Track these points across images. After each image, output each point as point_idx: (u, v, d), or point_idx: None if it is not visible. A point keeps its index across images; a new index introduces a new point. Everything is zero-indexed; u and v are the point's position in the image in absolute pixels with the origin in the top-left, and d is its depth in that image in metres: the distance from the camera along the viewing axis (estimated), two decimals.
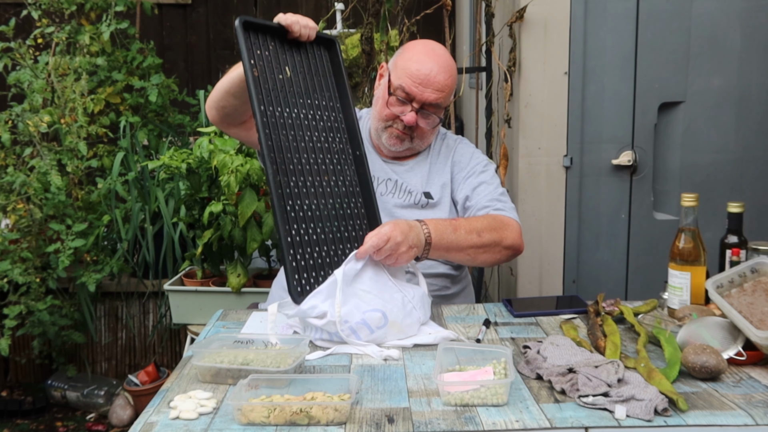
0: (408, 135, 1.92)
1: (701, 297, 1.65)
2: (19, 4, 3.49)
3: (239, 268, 2.79)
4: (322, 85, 1.85)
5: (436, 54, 1.90)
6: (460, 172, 1.99)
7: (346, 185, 1.78)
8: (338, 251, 1.68)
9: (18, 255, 2.85)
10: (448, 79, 1.88)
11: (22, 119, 2.93)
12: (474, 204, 1.94)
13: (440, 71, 1.86)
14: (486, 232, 1.80)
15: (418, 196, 1.94)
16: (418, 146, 1.98)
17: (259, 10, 4.62)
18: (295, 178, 1.64)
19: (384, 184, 1.96)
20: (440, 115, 1.93)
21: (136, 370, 3.29)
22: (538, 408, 1.24)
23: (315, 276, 1.60)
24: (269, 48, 1.79)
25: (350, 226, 1.75)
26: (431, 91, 1.85)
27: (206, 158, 2.75)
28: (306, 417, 1.20)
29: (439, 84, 1.86)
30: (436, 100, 1.87)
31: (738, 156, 2.74)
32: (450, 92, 1.91)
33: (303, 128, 1.72)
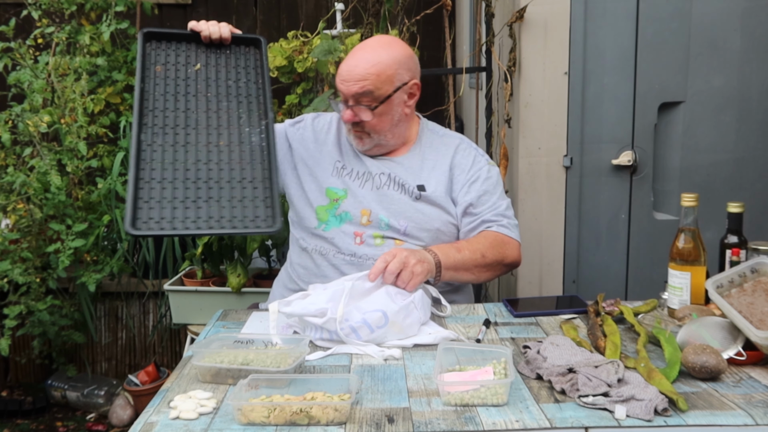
0: (362, 132, 1.94)
1: (701, 297, 1.65)
2: (19, 4, 3.49)
3: (239, 268, 2.79)
4: (240, 74, 1.94)
5: (365, 46, 1.94)
6: (462, 174, 1.98)
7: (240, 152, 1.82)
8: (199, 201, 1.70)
9: (18, 255, 2.84)
10: (373, 66, 1.87)
11: (22, 119, 2.93)
12: (479, 214, 1.94)
13: (361, 62, 1.88)
14: (489, 252, 1.88)
15: (411, 188, 1.94)
16: (383, 140, 1.96)
17: (259, 10, 4.62)
18: (177, 136, 1.78)
19: (378, 177, 1.96)
20: (374, 104, 1.89)
21: (136, 370, 3.29)
22: (538, 408, 1.24)
23: (157, 211, 1.66)
24: (182, 50, 1.96)
25: (226, 181, 1.76)
26: (353, 83, 1.87)
27: None
28: (306, 417, 1.20)
29: (359, 74, 1.87)
30: (361, 89, 1.87)
31: (738, 156, 2.74)
32: (378, 78, 1.87)
33: (200, 108, 1.84)
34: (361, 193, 1.94)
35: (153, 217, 1.63)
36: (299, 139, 2.08)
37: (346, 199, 1.94)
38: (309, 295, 1.63)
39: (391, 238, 1.90)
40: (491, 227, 1.93)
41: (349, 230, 1.91)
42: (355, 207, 1.92)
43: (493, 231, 1.93)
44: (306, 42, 3.43)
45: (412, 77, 1.95)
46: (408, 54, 1.95)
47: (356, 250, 1.89)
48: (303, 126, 2.11)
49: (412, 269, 1.69)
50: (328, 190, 1.96)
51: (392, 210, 1.91)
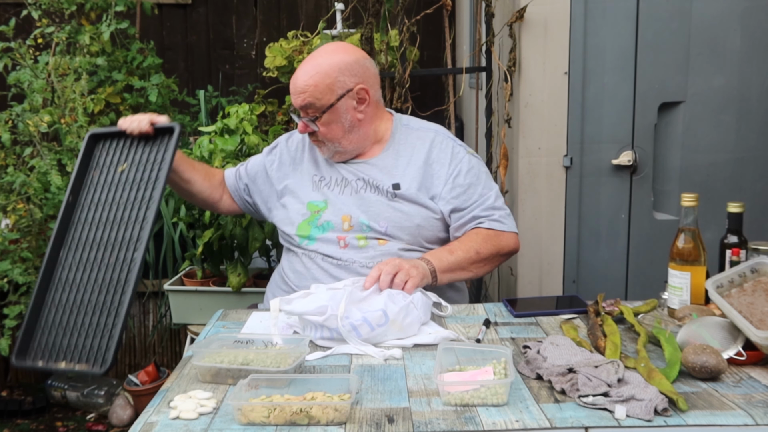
0: (318, 141, 1.97)
1: (701, 297, 1.65)
2: (19, 4, 3.49)
3: (239, 268, 2.79)
4: (141, 176, 1.83)
5: (310, 57, 1.94)
6: (443, 169, 1.96)
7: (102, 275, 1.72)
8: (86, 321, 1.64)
9: (18, 255, 2.84)
10: (310, 78, 1.88)
11: (22, 119, 2.93)
12: (468, 209, 1.94)
13: (301, 74, 1.90)
14: (483, 247, 1.90)
15: (386, 188, 1.94)
16: (340, 148, 1.96)
17: (259, 10, 4.62)
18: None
19: (355, 182, 1.96)
20: (317, 114, 1.90)
21: (136, 370, 3.29)
22: (538, 408, 1.24)
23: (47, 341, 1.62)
24: (118, 149, 1.89)
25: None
26: (296, 96, 1.90)
27: (207, 158, 2.75)
28: (306, 417, 1.20)
29: (300, 87, 1.89)
30: (303, 102, 1.90)
31: (738, 156, 2.74)
32: (316, 89, 1.88)
33: (95, 220, 1.76)
34: (340, 200, 1.95)
35: (31, 346, 1.62)
36: (277, 164, 2.10)
37: (327, 209, 1.95)
38: (310, 293, 1.64)
39: (374, 238, 1.91)
40: (482, 223, 1.93)
41: (332, 237, 1.92)
42: (336, 215, 1.93)
43: (484, 228, 1.93)
44: (306, 42, 3.43)
45: (359, 82, 1.91)
46: (354, 59, 1.92)
47: (342, 254, 1.90)
48: (278, 150, 2.13)
49: (407, 272, 1.71)
50: (309, 204, 1.98)
51: (371, 212, 1.92)
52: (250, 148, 2.74)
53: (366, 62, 1.95)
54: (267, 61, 3.51)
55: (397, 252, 1.90)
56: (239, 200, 2.19)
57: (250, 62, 4.65)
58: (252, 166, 2.16)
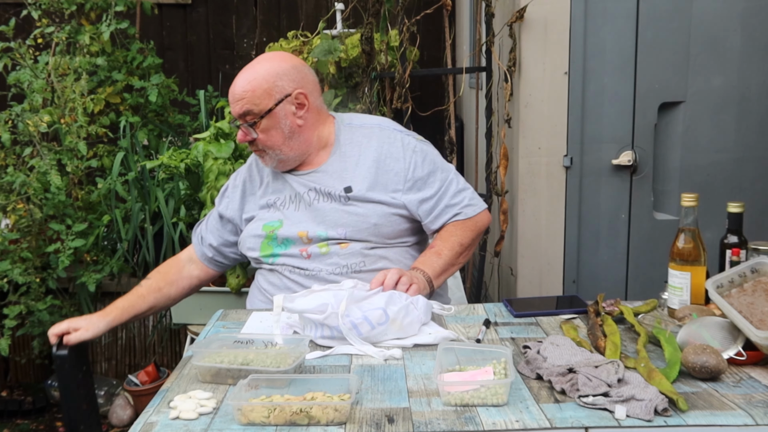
0: (259, 150, 1.94)
1: (701, 297, 1.65)
2: (19, 4, 3.48)
3: (238, 269, 2.79)
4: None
5: (246, 67, 1.93)
6: (397, 163, 1.94)
7: None
8: None
9: (18, 255, 2.84)
10: (247, 84, 1.88)
11: (22, 119, 2.93)
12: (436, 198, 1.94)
13: (238, 82, 1.89)
14: (465, 237, 1.95)
15: (338, 193, 1.92)
16: (281, 156, 1.93)
17: (259, 10, 4.62)
18: None
19: (307, 195, 1.94)
20: (255, 119, 1.88)
21: (136, 370, 3.29)
22: (538, 408, 1.24)
23: None
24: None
25: None
26: (234, 104, 1.89)
27: (201, 162, 2.75)
28: (306, 417, 1.20)
29: (237, 94, 1.88)
30: (242, 109, 1.88)
31: (738, 156, 2.74)
32: (253, 95, 1.87)
33: None
34: (295, 216, 1.94)
35: None
36: (233, 208, 2.06)
37: (282, 227, 1.93)
38: (313, 292, 1.64)
39: (335, 243, 1.90)
40: (458, 215, 1.96)
41: (295, 251, 1.92)
42: (292, 232, 1.92)
43: (459, 220, 1.96)
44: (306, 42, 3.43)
45: (297, 87, 1.90)
46: (291, 65, 1.92)
47: (307, 264, 1.90)
48: (229, 192, 2.09)
49: (411, 276, 1.74)
50: (264, 226, 1.96)
51: (327, 222, 1.90)
52: (242, 150, 2.73)
53: (304, 69, 1.95)
54: None
55: (361, 251, 1.90)
56: (222, 260, 2.12)
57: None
58: (212, 225, 2.11)
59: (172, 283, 2.07)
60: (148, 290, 2.02)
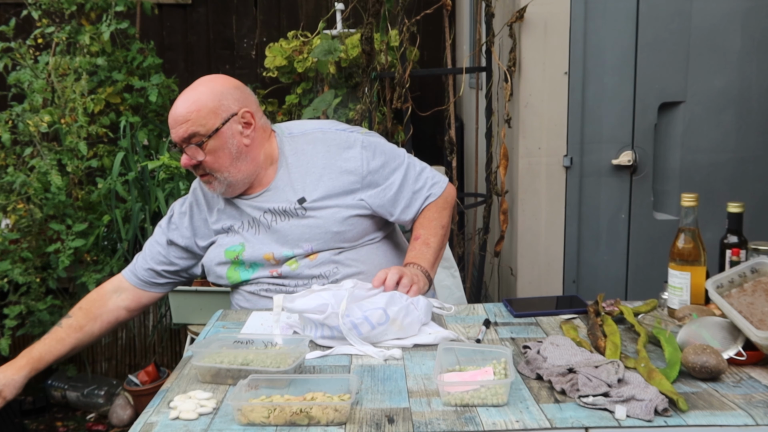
0: (207, 175, 1.86)
1: (701, 297, 1.65)
2: (19, 4, 3.49)
3: None
4: None
5: (186, 91, 1.85)
6: (348, 163, 1.89)
7: None
8: None
9: (18, 255, 2.84)
10: (191, 105, 1.80)
11: (22, 119, 2.93)
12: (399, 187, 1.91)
13: (183, 103, 1.82)
14: (443, 217, 1.96)
15: (293, 207, 1.87)
16: (231, 179, 1.86)
17: (259, 10, 4.62)
18: None
19: (263, 217, 1.89)
20: (201, 140, 1.81)
21: (136, 370, 3.29)
22: (538, 408, 1.24)
23: None
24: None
25: None
26: (178, 128, 1.81)
27: None
28: (306, 417, 1.20)
29: (181, 116, 1.80)
30: (186, 133, 1.80)
31: (738, 156, 2.74)
32: (198, 114, 1.80)
33: None
34: (256, 239, 1.89)
35: None
36: (184, 235, 1.98)
37: (245, 251, 1.89)
38: (313, 292, 1.64)
39: (303, 257, 1.87)
40: (429, 199, 1.95)
41: (264, 272, 1.89)
42: (257, 254, 1.88)
43: (431, 203, 1.96)
44: (306, 42, 3.43)
45: (242, 106, 1.85)
46: (232, 85, 1.88)
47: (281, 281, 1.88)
48: (176, 220, 2.00)
49: (411, 276, 1.72)
50: (226, 251, 1.91)
51: (290, 241, 1.86)
52: None
53: (245, 89, 1.91)
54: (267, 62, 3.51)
55: (331, 258, 1.86)
56: (157, 280, 2.01)
57: (250, 62, 4.65)
58: (153, 251, 2.00)
59: (96, 318, 1.93)
60: (67, 331, 1.89)
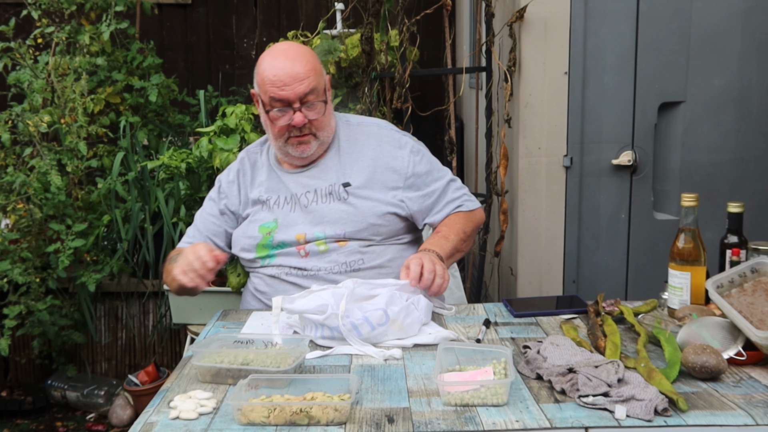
0: (308, 134, 1.90)
1: (701, 297, 1.65)
2: (19, 4, 3.49)
3: (239, 268, 2.78)
4: None
5: (282, 51, 1.90)
6: (396, 162, 1.96)
7: None
8: None
9: (18, 255, 2.84)
10: (307, 64, 1.86)
11: (22, 119, 2.93)
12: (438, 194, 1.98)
13: (294, 63, 1.85)
14: (468, 227, 1.98)
15: (338, 189, 1.92)
16: (325, 138, 1.93)
17: (259, 10, 4.62)
18: None
19: (304, 196, 1.93)
20: (323, 99, 1.89)
21: (136, 370, 3.29)
22: (538, 408, 1.24)
23: None
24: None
25: None
26: (297, 84, 1.84)
27: (206, 158, 2.74)
28: (306, 417, 1.20)
29: (300, 73, 1.84)
30: (308, 87, 1.84)
31: (738, 156, 2.74)
32: (316, 72, 1.87)
33: None
34: (291, 218, 1.92)
35: None
36: (233, 203, 2.02)
37: (278, 229, 1.91)
38: (312, 292, 1.64)
39: (334, 241, 1.89)
40: (460, 208, 2.00)
41: (291, 250, 1.91)
42: (289, 234, 1.90)
43: (462, 211, 1.99)
44: (306, 42, 3.42)
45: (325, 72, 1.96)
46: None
47: (305, 263, 1.89)
48: (225, 188, 2.04)
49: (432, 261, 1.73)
50: (260, 227, 1.94)
51: (326, 222, 1.89)
52: (249, 143, 2.73)
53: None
54: None
55: (359, 249, 1.89)
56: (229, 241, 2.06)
57: (250, 62, 4.63)
58: (207, 222, 2.04)
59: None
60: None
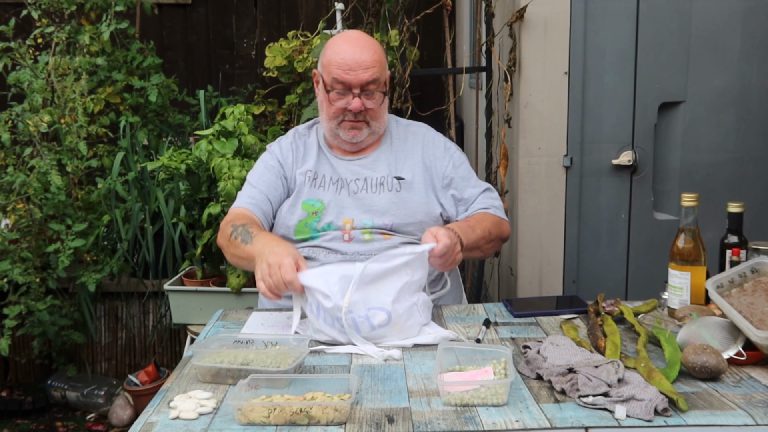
0: (362, 121, 1.94)
1: (701, 297, 1.65)
2: (19, 4, 3.49)
3: (239, 269, 2.79)
4: None
5: (353, 38, 1.96)
6: (440, 162, 2.01)
7: None
8: None
9: (18, 255, 2.84)
10: (374, 55, 1.91)
11: (22, 119, 2.93)
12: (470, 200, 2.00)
13: (362, 51, 1.90)
14: (493, 229, 1.94)
15: (390, 180, 1.95)
16: (377, 128, 1.97)
17: (259, 10, 4.62)
18: None
19: (354, 183, 1.95)
20: (382, 90, 1.94)
21: (136, 370, 3.29)
22: (538, 408, 1.24)
23: None
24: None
25: None
26: (362, 71, 1.89)
27: (204, 160, 2.74)
28: (306, 417, 1.20)
29: (367, 61, 1.89)
30: (372, 76, 1.89)
31: (738, 156, 2.74)
32: (381, 64, 1.93)
33: None
34: (338, 200, 1.93)
35: None
36: (288, 167, 2.02)
37: (326, 210, 1.92)
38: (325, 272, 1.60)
39: (380, 233, 1.90)
40: (489, 210, 1.99)
41: (336, 233, 1.91)
42: (337, 217, 1.91)
43: (490, 213, 1.98)
44: (306, 42, 3.42)
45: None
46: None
47: (346, 248, 1.88)
48: (284, 152, 2.05)
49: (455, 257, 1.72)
50: (303, 203, 1.94)
51: (374, 211, 1.91)
52: (247, 149, 2.73)
53: None
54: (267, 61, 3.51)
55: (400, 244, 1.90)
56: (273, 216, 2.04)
57: (250, 62, 4.65)
58: (263, 180, 2.03)
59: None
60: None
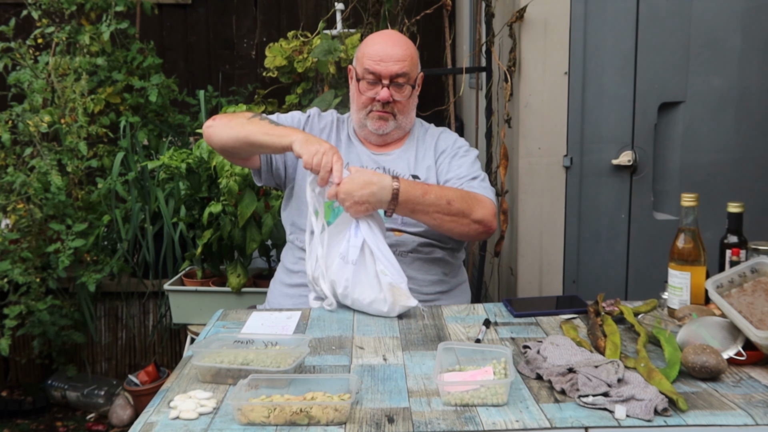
0: (389, 113, 2.01)
1: (701, 297, 1.65)
2: (19, 4, 3.49)
3: (239, 269, 2.79)
4: None
5: (387, 35, 2.07)
6: (443, 155, 2.07)
7: None
8: None
9: (18, 255, 2.84)
10: (406, 50, 2.01)
11: (22, 119, 2.93)
12: (453, 176, 2.01)
13: (395, 45, 2.00)
14: (456, 201, 1.85)
15: (408, 178, 1.98)
16: (404, 123, 2.05)
17: (259, 10, 4.62)
18: None
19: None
20: (411, 83, 2.02)
21: (136, 370, 3.29)
22: (538, 408, 1.24)
23: None
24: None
25: None
26: (393, 63, 1.97)
27: (205, 159, 2.74)
28: (306, 417, 1.20)
29: (398, 55, 1.98)
30: (401, 70, 1.98)
31: (738, 156, 2.74)
32: (412, 61, 2.01)
33: None
34: None
35: None
36: (317, 130, 2.11)
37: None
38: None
39: (390, 229, 1.93)
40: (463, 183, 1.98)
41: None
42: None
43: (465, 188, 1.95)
44: (306, 42, 3.42)
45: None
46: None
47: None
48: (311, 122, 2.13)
49: (350, 205, 1.76)
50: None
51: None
52: None
53: None
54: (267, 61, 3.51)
55: (413, 245, 1.95)
56: (267, 168, 2.09)
57: (250, 62, 4.65)
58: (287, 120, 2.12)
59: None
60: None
